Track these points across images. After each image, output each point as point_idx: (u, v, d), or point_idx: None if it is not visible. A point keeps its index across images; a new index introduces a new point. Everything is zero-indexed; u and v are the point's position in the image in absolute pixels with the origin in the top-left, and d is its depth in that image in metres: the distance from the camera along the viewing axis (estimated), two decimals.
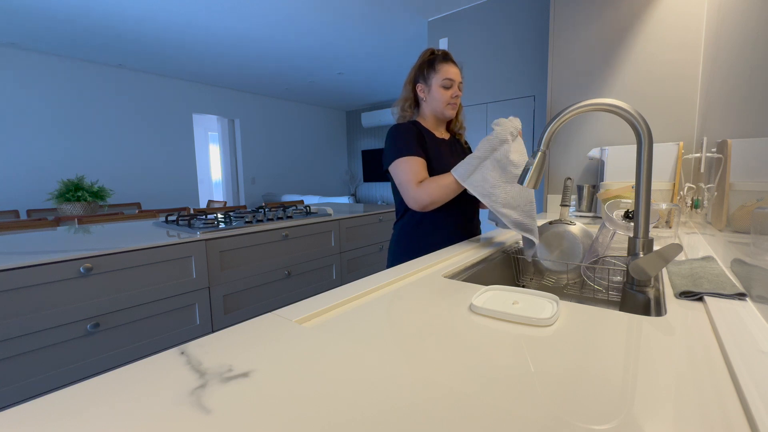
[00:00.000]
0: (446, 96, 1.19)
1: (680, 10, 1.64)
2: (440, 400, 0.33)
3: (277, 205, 2.78)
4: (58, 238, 1.59)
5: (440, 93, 1.18)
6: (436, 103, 1.20)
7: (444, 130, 1.30)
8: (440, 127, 1.28)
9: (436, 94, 1.19)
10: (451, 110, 1.21)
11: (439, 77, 1.18)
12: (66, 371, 1.25)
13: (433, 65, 1.19)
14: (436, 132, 1.25)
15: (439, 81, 1.18)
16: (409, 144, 1.14)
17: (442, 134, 1.28)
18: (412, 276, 0.76)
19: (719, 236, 0.94)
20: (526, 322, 0.51)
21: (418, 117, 1.27)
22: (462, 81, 1.22)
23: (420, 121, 1.25)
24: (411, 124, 1.19)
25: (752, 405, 0.30)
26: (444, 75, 1.17)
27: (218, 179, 6.91)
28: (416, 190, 1.10)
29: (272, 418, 0.31)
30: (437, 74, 1.18)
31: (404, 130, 1.17)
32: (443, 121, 1.27)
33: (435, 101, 1.20)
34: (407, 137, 1.15)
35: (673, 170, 1.46)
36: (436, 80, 1.18)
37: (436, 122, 1.26)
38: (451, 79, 1.18)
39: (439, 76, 1.18)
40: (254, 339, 0.46)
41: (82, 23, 3.43)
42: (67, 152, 4.34)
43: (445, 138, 1.27)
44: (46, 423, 0.31)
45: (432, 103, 1.21)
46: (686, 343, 0.44)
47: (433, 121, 1.25)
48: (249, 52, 4.28)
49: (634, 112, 0.62)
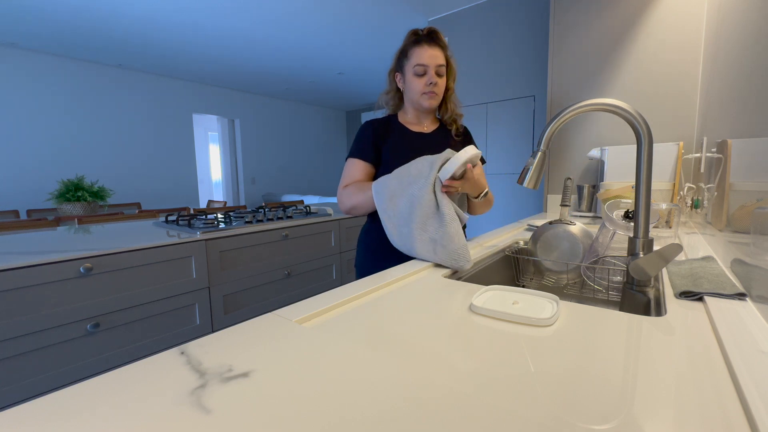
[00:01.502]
0: (420, 84, 1.04)
1: (680, 10, 1.64)
2: (440, 400, 0.33)
3: (277, 205, 2.78)
4: (58, 238, 1.59)
5: (414, 82, 1.05)
6: (410, 93, 1.08)
7: (431, 122, 1.17)
8: (424, 119, 1.15)
9: (411, 83, 1.06)
10: (427, 100, 1.07)
11: (411, 64, 1.04)
12: (66, 371, 1.25)
13: (406, 51, 1.06)
14: (418, 126, 1.14)
15: (411, 68, 1.04)
16: (359, 145, 1.08)
17: (426, 127, 1.15)
18: (412, 276, 0.76)
19: (719, 236, 0.94)
20: (526, 322, 0.51)
21: (402, 109, 1.16)
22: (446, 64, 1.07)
23: (401, 114, 1.15)
24: (377, 121, 1.11)
25: (752, 405, 0.30)
26: (416, 60, 1.03)
27: (218, 179, 6.91)
28: (341, 193, 1.05)
29: (272, 418, 0.31)
30: (409, 60, 1.05)
31: (362, 131, 1.10)
32: (428, 112, 1.14)
33: (410, 91, 1.08)
34: (361, 138, 1.09)
35: (673, 170, 1.46)
36: (409, 67, 1.05)
37: (418, 114, 1.13)
38: (424, 64, 1.02)
39: (411, 62, 1.04)
40: (254, 339, 0.46)
41: (82, 23, 3.43)
42: (67, 152, 4.35)
43: (424, 131, 1.14)
44: (46, 423, 0.31)
45: (408, 93, 1.09)
46: (686, 343, 0.44)
47: (414, 113, 1.13)
48: (249, 52, 4.28)
49: (634, 112, 0.62)
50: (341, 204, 1.06)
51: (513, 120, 2.80)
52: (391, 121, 1.13)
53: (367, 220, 1.16)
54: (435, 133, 1.15)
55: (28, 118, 4.05)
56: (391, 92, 1.14)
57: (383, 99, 1.17)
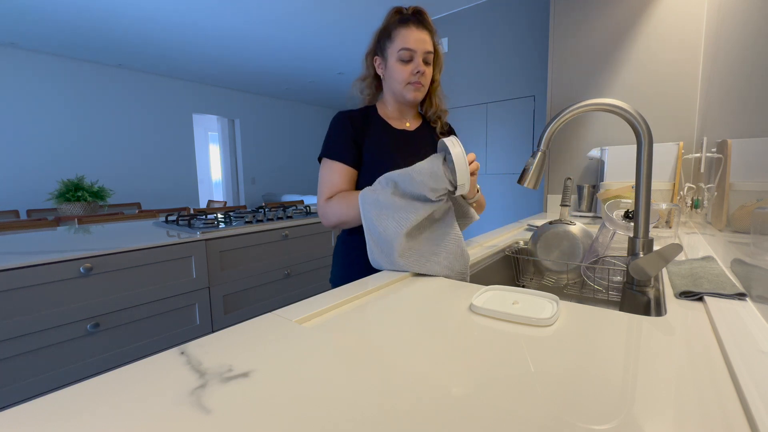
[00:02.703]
0: (404, 73, 0.89)
1: (680, 10, 1.64)
2: (440, 400, 0.33)
3: (277, 205, 2.78)
4: (58, 238, 1.59)
5: (397, 69, 0.89)
6: (392, 82, 0.92)
7: (413, 117, 1.02)
8: (407, 114, 1.00)
9: (393, 70, 0.90)
10: (412, 92, 0.91)
11: (395, 47, 0.88)
12: (66, 371, 1.25)
13: (389, 31, 0.89)
14: (397, 121, 0.98)
15: (395, 53, 0.88)
16: (337, 143, 0.91)
17: (406, 123, 1.00)
18: (412, 276, 0.76)
19: (719, 236, 0.94)
20: (526, 322, 0.51)
21: (380, 101, 1.00)
22: (434, 51, 0.92)
23: (380, 107, 0.98)
24: (356, 113, 0.95)
25: (752, 405, 0.30)
26: (401, 44, 0.87)
27: (218, 179, 6.91)
28: (324, 206, 0.90)
29: (272, 418, 0.31)
30: (393, 43, 0.88)
31: (338, 122, 0.93)
32: (411, 105, 0.98)
33: (391, 80, 0.92)
34: (336, 134, 0.92)
35: (673, 170, 1.46)
36: (392, 51, 0.89)
37: (400, 107, 0.98)
38: (410, 48, 0.86)
39: (395, 46, 0.88)
40: (254, 339, 0.46)
41: (82, 23, 3.43)
42: (67, 152, 4.35)
43: (407, 128, 0.99)
44: (46, 423, 0.31)
45: (389, 82, 0.93)
46: (686, 343, 0.44)
47: (395, 106, 0.97)
48: (249, 52, 4.28)
49: (634, 112, 0.62)
50: (325, 219, 0.91)
51: (513, 120, 2.80)
52: (369, 113, 0.96)
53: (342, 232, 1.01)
54: (419, 132, 1.01)
55: (28, 118, 4.05)
56: (367, 79, 0.98)
57: (358, 87, 1.00)
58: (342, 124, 0.93)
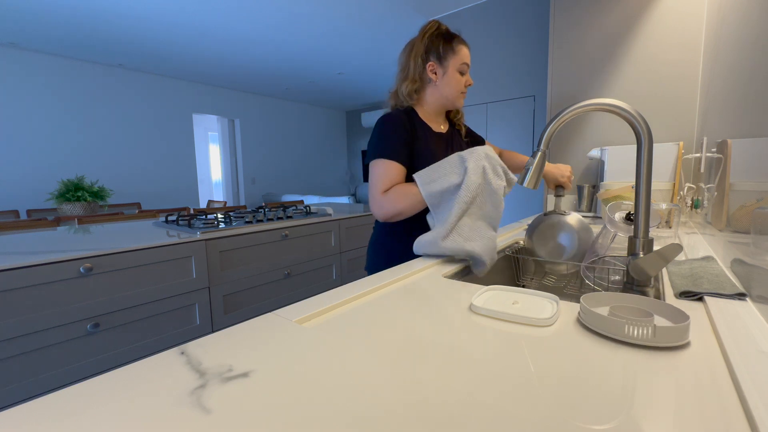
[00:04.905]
0: (461, 84, 1.03)
1: (680, 10, 1.64)
2: (440, 400, 0.33)
3: (277, 205, 2.78)
4: (58, 238, 1.59)
5: (456, 79, 1.02)
6: (449, 89, 1.03)
7: (443, 121, 1.13)
8: (440, 118, 1.11)
9: (452, 79, 1.02)
10: (462, 100, 1.06)
11: (458, 60, 1.01)
12: (66, 371, 1.25)
13: (452, 44, 1.01)
14: (434, 124, 1.08)
15: (457, 65, 1.01)
16: (392, 144, 0.98)
17: (441, 126, 1.10)
18: (413, 276, 0.76)
19: (719, 236, 0.93)
20: (526, 322, 0.51)
21: (416, 104, 1.07)
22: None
23: (419, 110, 1.06)
24: (404, 115, 1.01)
25: (752, 405, 0.30)
26: (463, 59, 1.01)
27: (218, 179, 6.91)
28: (381, 198, 0.95)
29: (272, 418, 0.31)
30: (456, 56, 1.01)
31: (393, 125, 0.99)
32: (452, 110, 1.12)
33: (449, 87, 1.03)
34: (394, 135, 0.98)
35: (673, 170, 1.46)
36: (454, 63, 1.01)
37: (438, 112, 1.09)
38: (468, 64, 1.03)
39: (458, 58, 1.01)
40: (254, 339, 0.46)
41: (82, 23, 3.43)
42: (67, 152, 4.35)
43: (442, 131, 1.09)
44: (46, 423, 0.31)
45: (444, 89, 1.03)
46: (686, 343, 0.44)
47: (435, 110, 1.08)
48: (249, 52, 4.28)
49: (634, 112, 0.62)
50: (382, 210, 0.95)
51: (513, 120, 2.80)
52: (413, 116, 1.03)
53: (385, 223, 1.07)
54: (449, 134, 1.11)
55: (28, 118, 4.05)
56: (417, 82, 1.04)
57: (407, 88, 1.04)
58: (398, 126, 0.99)
